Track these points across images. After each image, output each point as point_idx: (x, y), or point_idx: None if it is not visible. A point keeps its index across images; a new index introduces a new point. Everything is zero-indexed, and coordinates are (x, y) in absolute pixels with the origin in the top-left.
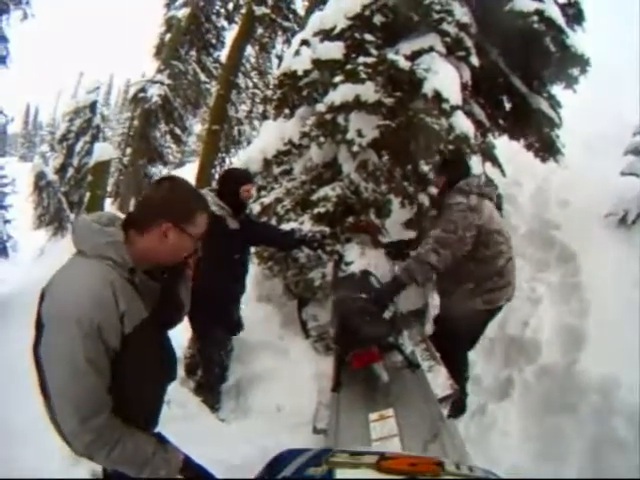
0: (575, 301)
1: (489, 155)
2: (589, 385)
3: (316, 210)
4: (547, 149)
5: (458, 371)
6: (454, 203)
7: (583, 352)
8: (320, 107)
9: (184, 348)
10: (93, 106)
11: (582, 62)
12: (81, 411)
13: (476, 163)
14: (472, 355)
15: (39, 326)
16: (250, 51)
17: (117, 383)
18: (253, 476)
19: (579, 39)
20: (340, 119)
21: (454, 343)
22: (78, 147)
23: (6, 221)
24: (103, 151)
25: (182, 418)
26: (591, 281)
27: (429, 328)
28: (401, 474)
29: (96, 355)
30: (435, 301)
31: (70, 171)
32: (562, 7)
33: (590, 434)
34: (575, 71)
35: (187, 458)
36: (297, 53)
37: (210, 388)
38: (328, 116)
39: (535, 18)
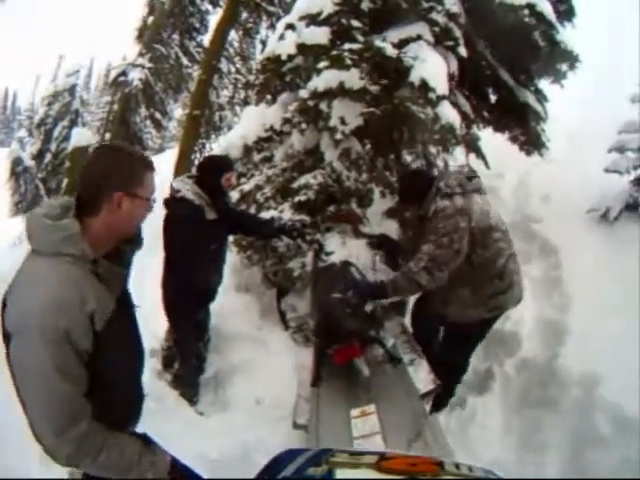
0: (556, 295)
1: (473, 147)
2: (570, 379)
3: (297, 198)
4: (532, 142)
5: (452, 376)
6: (439, 209)
7: (564, 346)
8: (303, 93)
9: (161, 340)
10: (72, 90)
11: (571, 58)
12: (57, 423)
13: (460, 154)
14: None
15: (6, 337)
16: (234, 36)
17: (96, 382)
18: (243, 472)
19: (570, 35)
20: (323, 106)
21: (457, 355)
22: (56, 132)
23: None
24: (81, 136)
25: (160, 412)
26: (572, 276)
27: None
28: (401, 474)
29: (65, 361)
30: None
31: (48, 157)
32: (553, 3)
33: (571, 428)
34: (564, 66)
35: (174, 459)
36: (282, 37)
37: (188, 380)
38: (311, 102)
39: (526, 12)
